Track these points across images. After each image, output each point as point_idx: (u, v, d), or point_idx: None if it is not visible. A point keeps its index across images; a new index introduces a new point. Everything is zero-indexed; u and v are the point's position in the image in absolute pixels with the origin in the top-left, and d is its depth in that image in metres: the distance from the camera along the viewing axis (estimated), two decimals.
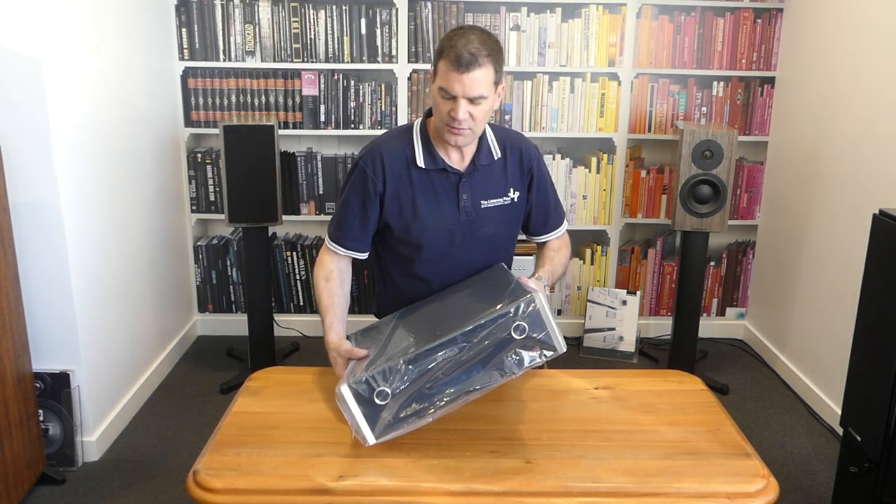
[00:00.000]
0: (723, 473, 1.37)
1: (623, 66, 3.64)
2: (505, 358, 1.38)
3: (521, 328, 1.36)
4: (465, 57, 1.58)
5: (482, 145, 1.80)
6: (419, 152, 1.77)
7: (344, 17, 3.55)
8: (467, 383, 1.37)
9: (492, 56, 1.62)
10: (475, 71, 1.59)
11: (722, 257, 3.89)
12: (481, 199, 1.80)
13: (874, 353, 2.11)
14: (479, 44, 1.60)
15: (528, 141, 1.91)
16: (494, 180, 1.81)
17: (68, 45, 2.58)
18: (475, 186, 1.79)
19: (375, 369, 1.38)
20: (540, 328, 1.38)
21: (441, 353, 1.37)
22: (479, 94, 1.62)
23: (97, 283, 2.79)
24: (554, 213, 1.94)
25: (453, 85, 1.61)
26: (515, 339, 1.37)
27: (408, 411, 1.38)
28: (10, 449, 2.37)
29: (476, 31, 1.64)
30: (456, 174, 1.77)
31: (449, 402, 1.38)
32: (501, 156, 1.82)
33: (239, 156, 3.07)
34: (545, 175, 1.90)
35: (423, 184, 1.77)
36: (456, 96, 1.62)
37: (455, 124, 1.65)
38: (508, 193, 1.83)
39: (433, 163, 1.76)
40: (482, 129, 1.74)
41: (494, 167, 1.82)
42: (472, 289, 1.70)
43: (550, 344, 1.40)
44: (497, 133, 1.85)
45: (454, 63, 1.59)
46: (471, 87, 1.61)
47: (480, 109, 1.65)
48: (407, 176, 1.77)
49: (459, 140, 1.70)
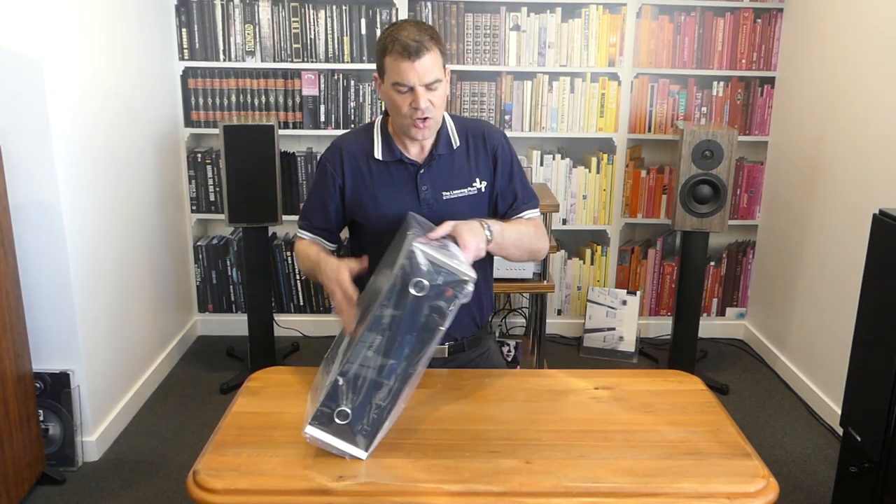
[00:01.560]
0: (723, 473, 1.37)
1: (623, 66, 3.64)
2: (428, 318, 1.33)
3: (420, 285, 1.31)
4: (412, 45, 1.59)
5: (441, 135, 1.77)
6: (377, 145, 1.76)
7: (344, 17, 3.55)
8: (410, 356, 1.35)
9: (434, 40, 1.64)
10: (424, 57, 1.61)
11: (722, 257, 3.89)
12: (443, 191, 1.76)
13: (874, 353, 2.11)
14: (419, 31, 1.62)
15: (492, 126, 1.85)
16: (457, 171, 1.77)
17: (68, 45, 2.58)
18: (435, 177, 1.75)
19: (322, 394, 1.37)
20: (436, 273, 1.32)
21: (367, 352, 1.34)
22: (435, 79, 1.63)
23: (97, 283, 2.79)
24: (522, 199, 1.83)
25: (408, 75, 1.61)
26: (422, 296, 1.32)
27: (376, 410, 1.37)
28: (10, 449, 2.37)
29: (412, 22, 1.66)
30: (414, 166, 1.75)
31: (405, 379, 1.36)
32: (463, 144, 1.78)
33: (239, 156, 3.07)
34: (510, 158, 1.82)
35: (383, 176, 1.76)
36: (413, 87, 1.62)
37: (419, 115, 1.64)
38: (474, 183, 1.78)
39: (391, 154, 1.75)
40: (441, 116, 1.73)
41: (456, 157, 1.77)
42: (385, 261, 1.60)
43: (457, 280, 1.33)
44: (457, 122, 1.82)
45: (403, 54, 1.60)
46: (424, 73, 1.61)
47: (437, 95, 1.66)
48: (367, 169, 1.77)
49: (426, 133, 1.69)
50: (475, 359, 1.88)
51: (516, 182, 1.82)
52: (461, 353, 1.86)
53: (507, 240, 1.66)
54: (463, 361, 1.85)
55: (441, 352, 1.83)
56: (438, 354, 1.83)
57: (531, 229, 1.78)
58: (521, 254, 1.75)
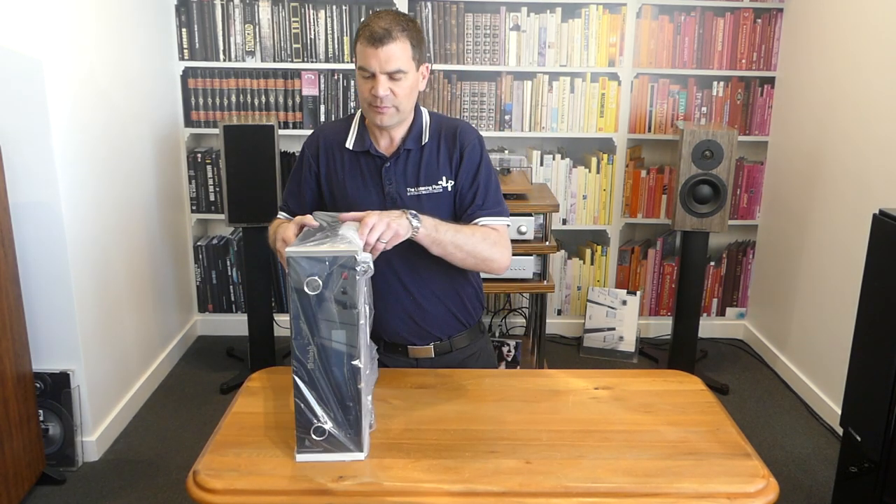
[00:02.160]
0: (723, 473, 1.37)
1: (623, 66, 3.64)
2: (340, 305, 1.32)
3: (313, 283, 1.30)
4: (378, 32, 1.60)
5: (412, 130, 1.75)
6: (351, 135, 1.77)
7: (344, 17, 3.55)
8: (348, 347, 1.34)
9: (407, 31, 1.63)
10: (389, 45, 1.61)
11: (722, 257, 3.89)
12: (407, 187, 1.74)
13: (874, 353, 2.11)
14: (392, 21, 1.62)
15: (469, 126, 1.80)
16: (424, 167, 1.75)
17: (68, 45, 2.58)
18: (400, 173, 1.74)
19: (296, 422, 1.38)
20: (320, 263, 1.30)
21: (309, 366, 1.34)
22: (397, 69, 1.62)
23: (97, 283, 2.79)
24: (480, 204, 1.74)
25: (370, 61, 1.62)
26: (321, 291, 1.31)
27: (347, 411, 1.36)
28: (10, 449, 2.37)
29: (390, 12, 1.67)
30: (380, 158, 1.75)
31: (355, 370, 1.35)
32: (433, 141, 1.76)
33: (239, 156, 3.07)
34: (477, 160, 1.75)
35: (353, 167, 1.77)
36: (374, 73, 1.63)
37: (377, 102, 1.65)
38: (440, 181, 1.75)
39: (361, 145, 1.76)
40: (407, 109, 1.70)
41: (425, 153, 1.75)
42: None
43: (344, 258, 1.31)
44: (434, 119, 1.80)
45: (368, 40, 1.61)
46: (387, 61, 1.61)
47: (401, 86, 1.64)
48: (340, 158, 1.77)
49: (385, 119, 1.68)
50: (464, 360, 1.86)
51: (479, 186, 1.75)
52: (448, 354, 1.84)
53: (443, 236, 1.60)
54: (451, 362, 1.83)
55: (426, 352, 1.83)
56: (424, 355, 1.83)
57: (479, 235, 1.68)
58: (466, 258, 1.66)
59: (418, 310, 1.79)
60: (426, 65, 1.73)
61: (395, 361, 1.84)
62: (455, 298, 1.83)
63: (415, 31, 1.67)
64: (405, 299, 1.78)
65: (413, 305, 1.79)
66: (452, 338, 1.84)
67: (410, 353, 1.83)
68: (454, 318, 1.84)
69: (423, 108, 1.81)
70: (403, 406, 1.59)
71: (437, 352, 1.83)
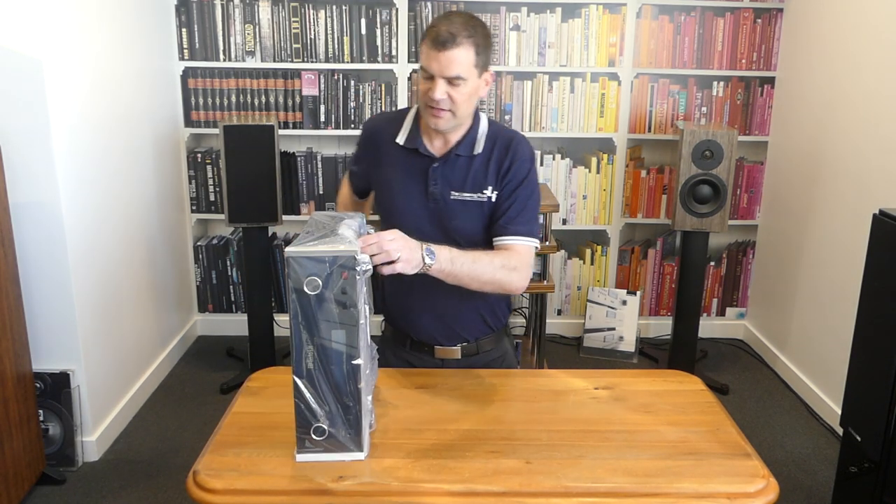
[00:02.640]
0: (723, 473, 1.37)
1: (623, 66, 3.64)
2: (339, 305, 1.32)
3: (312, 283, 1.30)
4: (443, 35, 1.59)
5: (467, 137, 1.74)
6: (404, 130, 1.76)
7: (344, 17, 3.55)
8: (348, 346, 1.34)
9: (473, 38, 1.61)
10: (452, 50, 1.59)
11: (722, 257, 3.89)
12: (451, 190, 1.73)
13: (874, 352, 2.11)
14: (459, 25, 1.60)
15: (524, 141, 1.78)
16: (472, 175, 1.73)
17: (68, 45, 2.58)
18: (447, 175, 1.73)
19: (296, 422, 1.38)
20: (320, 263, 1.30)
21: (308, 365, 1.34)
22: (456, 74, 1.60)
23: (97, 283, 2.79)
24: (510, 220, 1.71)
25: (431, 63, 1.61)
26: (321, 291, 1.31)
27: (347, 411, 1.36)
28: (10, 449, 2.37)
29: (461, 15, 1.64)
30: (429, 158, 1.74)
31: (355, 369, 1.35)
32: (485, 152, 1.74)
33: (239, 156, 3.07)
34: (523, 177, 1.73)
35: (399, 161, 1.76)
36: (433, 76, 1.62)
37: (433, 104, 1.64)
38: (485, 191, 1.73)
39: (411, 142, 1.75)
40: (465, 115, 1.69)
41: (475, 162, 1.74)
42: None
43: (345, 258, 1.31)
44: (492, 129, 1.78)
45: (432, 42, 1.60)
46: (447, 65, 1.60)
47: (460, 92, 1.63)
48: (388, 150, 1.77)
49: (440, 123, 1.66)
50: (490, 363, 1.86)
51: (517, 200, 1.72)
52: (475, 356, 1.84)
53: (459, 270, 1.57)
54: (475, 364, 1.83)
55: (453, 353, 1.83)
56: (450, 356, 1.83)
57: (499, 261, 1.64)
58: (481, 286, 1.63)
59: (449, 310, 1.79)
60: (490, 72, 1.70)
61: (422, 361, 1.84)
62: (486, 302, 1.82)
63: (482, 37, 1.64)
64: (437, 299, 1.76)
65: (444, 305, 1.78)
66: (479, 340, 1.84)
67: (437, 353, 1.83)
68: (483, 321, 1.84)
69: (483, 114, 1.79)
70: (403, 406, 1.59)
71: (464, 353, 1.83)
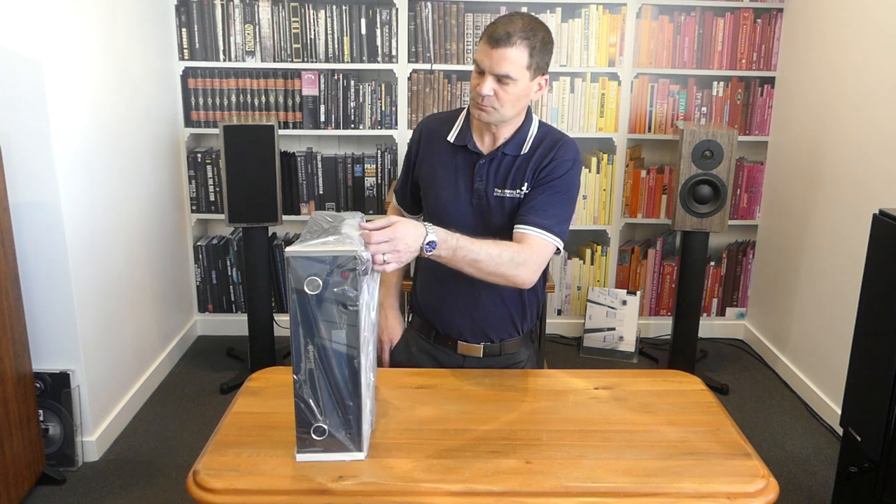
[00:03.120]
0: (723, 473, 1.37)
1: (623, 66, 3.64)
2: (340, 305, 1.32)
3: (313, 283, 1.30)
4: (499, 33, 1.61)
5: (517, 137, 1.75)
6: (455, 129, 1.79)
7: (344, 17, 3.55)
8: (349, 345, 1.33)
9: (529, 41, 1.62)
10: (505, 48, 1.60)
11: (722, 257, 3.89)
12: (496, 187, 1.74)
13: (874, 353, 2.11)
14: (518, 26, 1.62)
15: (572, 144, 1.75)
16: (515, 172, 1.74)
17: (68, 45, 2.58)
18: (493, 173, 1.75)
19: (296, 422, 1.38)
20: (320, 263, 1.30)
21: (308, 365, 1.34)
22: (506, 73, 1.62)
23: (97, 283, 2.79)
24: (535, 210, 1.69)
25: (483, 59, 1.64)
26: (321, 290, 1.31)
27: (348, 411, 1.36)
28: (10, 449, 2.37)
29: (523, 16, 1.66)
30: (477, 154, 1.76)
31: (355, 370, 1.35)
32: (530, 151, 1.74)
33: (239, 156, 3.07)
34: (559, 175, 1.70)
35: (448, 158, 1.78)
36: (484, 71, 1.64)
37: (479, 99, 1.66)
38: (522, 187, 1.73)
39: (461, 139, 1.77)
40: (510, 113, 1.69)
41: (519, 161, 1.74)
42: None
43: (345, 258, 1.30)
44: (541, 130, 1.78)
45: (489, 38, 1.63)
46: (498, 63, 1.61)
47: (507, 91, 1.64)
48: (439, 147, 1.80)
49: (483, 116, 1.68)
50: (511, 366, 1.85)
51: (544, 195, 1.70)
52: (496, 357, 1.83)
53: (460, 259, 1.55)
54: (496, 365, 1.82)
55: (476, 351, 1.83)
56: (473, 353, 1.83)
57: (507, 255, 1.60)
58: (484, 276, 1.60)
59: (479, 307, 1.79)
60: (545, 76, 1.70)
61: (444, 355, 1.85)
62: (518, 303, 1.82)
63: (540, 41, 1.64)
64: (469, 294, 1.77)
65: (475, 301, 1.78)
66: (504, 341, 1.84)
67: (459, 348, 1.83)
68: (511, 322, 1.83)
69: (536, 116, 1.80)
70: (403, 406, 1.59)
71: (486, 353, 1.83)
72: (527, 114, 1.78)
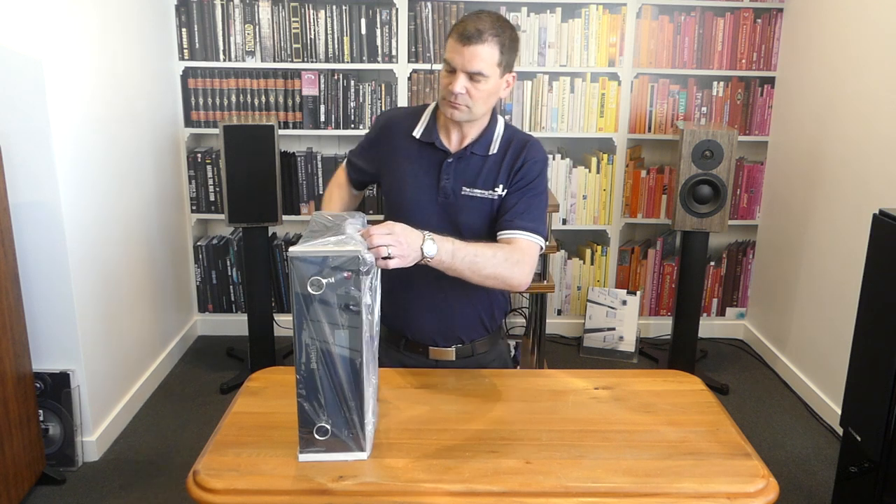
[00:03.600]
0: (723, 473, 1.37)
1: (623, 66, 3.64)
2: (342, 305, 1.31)
3: (316, 283, 1.30)
4: (469, 31, 1.61)
5: (484, 137, 1.75)
6: (421, 124, 1.78)
7: (344, 17, 3.55)
8: (351, 347, 1.33)
9: (499, 37, 1.62)
10: (476, 46, 1.60)
11: (722, 257, 3.89)
12: (463, 186, 1.74)
13: (874, 353, 2.11)
14: (488, 23, 1.62)
15: (538, 145, 1.78)
16: (484, 172, 1.75)
17: (68, 45, 2.58)
18: (460, 171, 1.75)
19: (299, 422, 1.38)
20: (323, 263, 1.30)
21: (310, 366, 1.33)
22: (478, 70, 1.62)
23: (97, 283, 2.79)
24: (518, 214, 1.71)
25: (454, 57, 1.63)
26: (324, 290, 1.31)
27: (350, 411, 1.36)
28: (10, 449, 2.37)
29: (491, 14, 1.66)
30: (444, 153, 1.75)
31: (357, 370, 1.35)
32: (499, 153, 1.75)
33: (239, 156, 3.07)
34: (533, 177, 1.74)
35: (414, 154, 1.78)
36: (455, 69, 1.64)
37: (451, 98, 1.65)
38: (496, 189, 1.74)
39: (427, 136, 1.76)
40: (481, 111, 1.70)
41: (488, 161, 1.75)
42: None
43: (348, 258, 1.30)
44: (508, 131, 1.79)
45: (458, 36, 1.62)
46: (470, 60, 1.61)
47: (479, 88, 1.64)
48: (404, 142, 1.79)
49: (456, 114, 1.68)
50: (484, 365, 1.85)
51: (525, 199, 1.72)
52: (469, 358, 1.83)
53: (459, 264, 1.55)
54: (470, 366, 1.83)
55: (448, 354, 1.82)
56: (445, 357, 1.82)
57: (502, 255, 1.62)
58: (483, 280, 1.61)
59: (447, 310, 1.79)
60: (513, 74, 1.71)
61: (415, 362, 1.83)
62: (485, 303, 1.82)
63: (508, 38, 1.65)
64: (437, 297, 1.77)
65: (443, 304, 1.78)
66: (475, 342, 1.84)
67: (431, 354, 1.83)
68: (480, 322, 1.83)
69: (501, 117, 1.80)
70: (403, 406, 1.59)
71: (459, 355, 1.83)
72: (492, 114, 1.78)
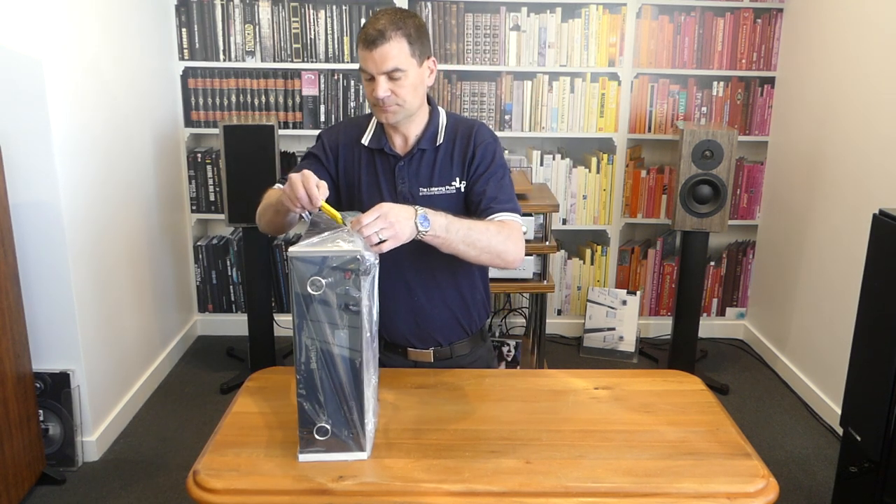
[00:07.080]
0: (723, 473, 1.37)
1: (623, 66, 3.64)
2: (342, 305, 1.31)
3: (315, 283, 1.30)
4: (372, 34, 1.60)
5: (427, 131, 1.75)
6: (368, 132, 1.77)
7: (344, 17, 3.55)
8: (351, 346, 1.33)
9: (402, 30, 1.62)
10: (382, 45, 1.60)
11: (722, 257, 3.88)
12: (420, 187, 1.73)
13: (874, 353, 2.11)
14: (386, 21, 1.62)
15: (485, 127, 1.77)
16: (438, 168, 1.74)
17: (68, 45, 2.58)
18: (414, 172, 1.74)
19: (299, 422, 1.38)
20: (322, 263, 1.30)
21: (310, 365, 1.34)
22: (394, 67, 1.62)
23: (97, 283, 2.79)
24: (493, 198, 1.71)
25: (367, 64, 1.63)
26: (323, 291, 1.31)
27: (350, 411, 1.36)
28: (10, 449, 2.37)
29: (388, 11, 1.65)
30: (394, 157, 1.75)
31: (357, 370, 1.35)
32: (448, 143, 1.74)
33: (239, 156, 3.07)
34: (490, 159, 1.72)
35: (368, 164, 1.77)
36: (373, 75, 1.63)
37: (379, 103, 1.65)
38: (453, 182, 1.74)
39: (376, 143, 1.76)
40: (414, 105, 1.69)
41: (439, 154, 1.74)
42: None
43: (347, 259, 1.30)
44: (451, 120, 1.78)
45: (364, 42, 1.62)
46: (382, 61, 1.61)
47: (402, 85, 1.64)
48: (357, 153, 1.78)
49: (390, 117, 1.68)
50: (464, 367, 1.83)
51: (492, 183, 1.72)
52: (448, 360, 1.83)
53: (454, 236, 1.54)
54: (449, 367, 1.81)
55: (426, 356, 1.82)
56: (423, 359, 1.82)
57: (494, 229, 1.62)
58: (479, 254, 1.60)
59: (422, 312, 1.78)
60: (431, 58, 1.71)
61: (394, 362, 1.83)
62: (461, 305, 1.81)
63: (413, 27, 1.64)
64: (410, 299, 1.77)
65: (417, 306, 1.77)
66: (453, 344, 1.83)
67: (410, 355, 1.82)
68: (458, 324, 1.83)
69: (441, 109, 1.80)
70: (403, 406, 1.59)
71: (437, 357, 1.82)
72: (433, 107, 1.77)
